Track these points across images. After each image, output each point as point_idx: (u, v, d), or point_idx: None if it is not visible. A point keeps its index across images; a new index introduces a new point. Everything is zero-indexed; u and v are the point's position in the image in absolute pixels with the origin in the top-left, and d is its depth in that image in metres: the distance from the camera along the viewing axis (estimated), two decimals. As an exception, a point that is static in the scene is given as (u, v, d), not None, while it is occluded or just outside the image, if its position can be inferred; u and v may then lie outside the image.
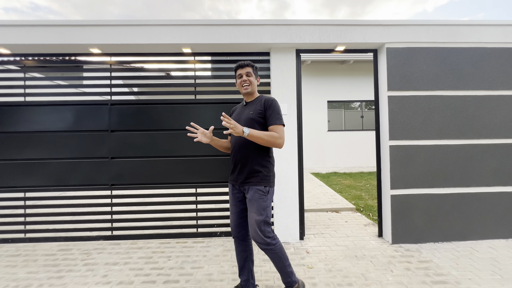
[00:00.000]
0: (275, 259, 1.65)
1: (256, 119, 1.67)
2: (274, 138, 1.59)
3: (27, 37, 2.55)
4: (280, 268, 1.68)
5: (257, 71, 1.83)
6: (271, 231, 1.64)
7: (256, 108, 1.70)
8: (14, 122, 2.82)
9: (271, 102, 1.69)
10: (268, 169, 1.69)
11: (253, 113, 1.69)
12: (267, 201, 1.65)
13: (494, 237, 2.70)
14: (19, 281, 2.11)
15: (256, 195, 1.62)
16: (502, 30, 2.74)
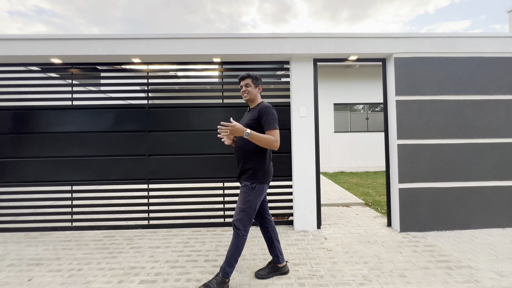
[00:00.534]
0: (232, 245, 1.87)
1: (252, 125, 1.90)
2: (271, 140, 1.81)
3: (80, 48, 2.92)
4: (230, 255, 1.87)
5: (257, 81, 2.03)
6: (246, 224, 1.86)
7: (253, 115, 1.93)
8: (63, 123, 3.18)
9: (264, 109, 1.89)
10: (258, 168, 1.90)
11: (249, 119, 1.94)
12: (251, 195, 1.87)
13: (492, 226, 3.01)
14: (79, 260, 2.45)
15: (243, 189, 1.91)
16: (497, 42, 3.07)
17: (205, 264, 2.34)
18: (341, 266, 2.26)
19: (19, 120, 3.15)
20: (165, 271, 2.22)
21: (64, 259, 2.48)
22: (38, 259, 2.48)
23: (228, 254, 1.88)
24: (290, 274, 2.14)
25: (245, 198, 1.89)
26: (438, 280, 2.01)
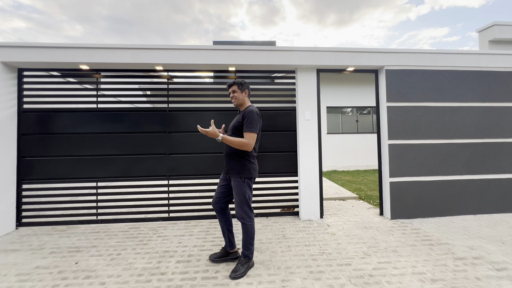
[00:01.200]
0: (244, 234, 2.19)
1: (238, 126, 2.15)
2: (242, 143, 2.04)
3: (108, 56, 3.21)
4: (244, 241, 2.19)
5: (243, 86, 2.24)
6: (248, 212, 2.14)
7: (239, 118, 2.17)
8: (88, 124, 3.44)
9: (248, 113, 2.10)
10: (240, 166, 2.14)
11: (236, 121, 2.18)
12: (243, 187, 2.12)
13: (465, 213, 3.56)
14: (115, 247, 2.75)
15: (235, 183, 2.14)
16: (469, 58, 3.64)
17: (229, 247, 2.70)
18: (345, 246, 2.69)
19: (48, 121, 3.39)
20: (196, 253, 2.57)
21: (100, 247, 2.77)
22: (76, 247, 2.76)
23: (244, 241, 2.20)
24: (304, 251, 2.56)
25: (239, 189, 2.13)
26: (423, 254, 2.48)
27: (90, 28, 43.10)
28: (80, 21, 42.79)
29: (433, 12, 39.50)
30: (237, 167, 2.15)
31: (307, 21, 41.29)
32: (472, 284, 1.97)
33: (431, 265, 2.27)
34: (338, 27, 38.75)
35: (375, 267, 2.25)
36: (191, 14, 49.59)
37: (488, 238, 2.81)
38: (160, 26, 49.82)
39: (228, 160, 2.22)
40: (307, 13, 40.94)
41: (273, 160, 3.63)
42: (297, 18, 41.73)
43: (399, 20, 38.16)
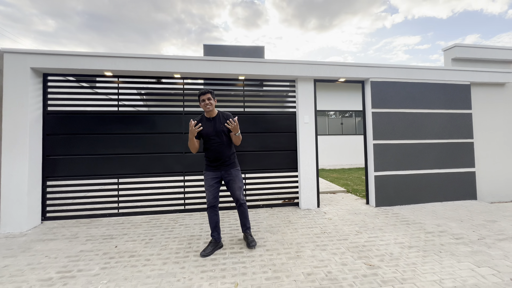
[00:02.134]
0: (244, 213, 2.73)
1: (225, 130, 2.58)
2: (240, 139, 2.62)
3: (132, 65, 3.57)
4: (246, 219, 2.74)
5: (214, 95, 2.58)
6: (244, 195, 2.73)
7: (223, 122, 2.57)
8: (110, 126, 3.76)
9: (230, 116, 2.60)
10: (235, 158, 2.71)
11: (222, 126, 2.56)
12: (241, 175, 2.70)
13: (434, 201, 4.31)
14: (145, 234, 3.12)
15: (236, 172, 2.65)
16: (436, 72, 4.42)
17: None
18: (341, 227, 3.28)
19: (72, 122, 3.66)
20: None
21: (130, 234, 3.13)
22: (108, 235, 3.10)
23: (245, 219, 2.76)
24: (308, 231, 3.10)
25: (240, 177, 2.69)
26: (402, 230, 3.13)
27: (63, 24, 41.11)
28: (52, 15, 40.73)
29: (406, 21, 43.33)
30: (235, 160, 2.71)
31: (289, 25, 43.35)
32: (438, 248, 2.62)
33: (408, 237, 2.90)
34: (319, 31, 41.19)
35: (367, 240, 2.85)
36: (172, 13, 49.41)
37: (451, 218, 3.53)
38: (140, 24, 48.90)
39: (227, 156, 2.61)
40: (290, 17, 42.93)
41: (277, 158, 4.16)
42: (280, 22, 43.66)
43: (376, 28, 41.42)
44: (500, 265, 2.28)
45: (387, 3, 38.01)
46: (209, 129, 2.58)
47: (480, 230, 3.09)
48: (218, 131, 2.58)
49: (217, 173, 2.63)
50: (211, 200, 2.60)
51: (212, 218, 2.63)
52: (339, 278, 2.12)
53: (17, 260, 2.50)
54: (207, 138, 2.59)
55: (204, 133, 2.57)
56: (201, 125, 2.51)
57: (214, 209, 2.63)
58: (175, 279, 2.13)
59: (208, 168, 2.66)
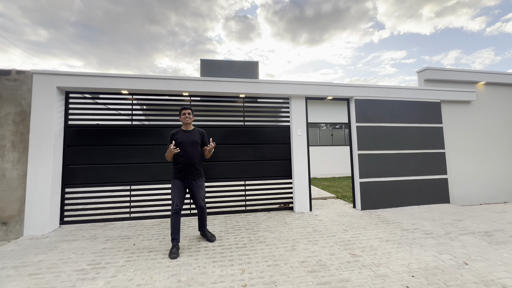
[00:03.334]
0: (204, 217, 3.23)
1: (199, 142, 3.12)
2: (211, 154, 3.15)
3: (147, 85, 4.06)
4: (204, 221, 3.23)
5: (193, 112, 3.17)
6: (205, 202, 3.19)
7: (198, 135, 3.12)
8: (123, 138, 4.19)
9: (204, 133, 3.24)
10: (202, 169, 3.16)
11: (197, 138, 3.09)
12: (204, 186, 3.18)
13: (412, 204, 4.86)
14: (158, 234, 3.51)
15: (200, 183, 3.10)
16: (411, 91, 5.08)
17: (247, 230, 3.61)
18: (330, 226, 3.75)
19: (90, 135, 4.08)
20: (224, 235, 3.44)
21: (144, 235, 3.51)
22: (125, 236, 3.47)
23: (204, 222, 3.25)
24: (302, 230, 3.57)
25: (203, 187, 3.16)
26: (382, 228, 3.63)
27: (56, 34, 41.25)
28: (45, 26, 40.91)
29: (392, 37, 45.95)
30: (202, 171, 3.18)
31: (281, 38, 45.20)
32: (410, 241, 3.12)
33: (387, 233, 3.40)
34: (310, 45, 43.11)
35: (352, 236, 3.33)
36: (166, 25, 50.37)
37: (425, 219, 4.07)
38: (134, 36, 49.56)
39: (195, 167, 3.05)
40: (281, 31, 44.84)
41: (273, 166, 4.65)
42: (272, 36, 45.50)
43: (364, 42, 43.68)
44: (458, 252, 2.80)
45: (374, 20, 40.26)
46: (186, 139, 3.03)
47: (448, 227, 3.63)
48: (193, 141, 3.06)
49: (184, 182, 3.02)
50: (180, 204, 2.93)
51: (176, 222, 2.90)
52: (328, 264, 2.58)
53: (48, 256, 2.85)
54: (181, 146, 2.96)
55: (181, 142, 2.98)
56: (179, 135, 3.05)
57: (178, 213, 2.94)
58: (191, 267, 2.55)
59: (176, 176, 3.02)
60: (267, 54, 46.71)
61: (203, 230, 3.29)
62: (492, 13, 43.08)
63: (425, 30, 42.92)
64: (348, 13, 38.66)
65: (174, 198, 2.94)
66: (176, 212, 2.92)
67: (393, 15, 39.71)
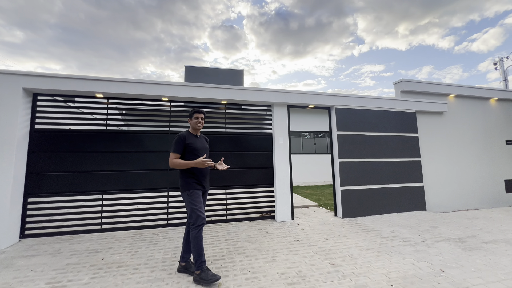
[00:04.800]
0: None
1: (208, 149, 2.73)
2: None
3: (124, 88, 3.89)
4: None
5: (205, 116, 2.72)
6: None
7: (206, 142, 2.76)
8: (97, 144, 3.95)
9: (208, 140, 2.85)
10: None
11: (207, 145, 2.75)
12: None
13: (391, 212, 4.95)
14: (130, 247, 3.28)
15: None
16: (389, 102, 5.27)
17: (227, 241, 3.48)
18: (311, 235, 3.70)
19: (60, 140, 3.80)
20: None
21: (115, 248, 3.27)
22: (93, 249, 3.21)
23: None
24: (283, 240, 3.48)
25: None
26: (362, 236, 3.63)
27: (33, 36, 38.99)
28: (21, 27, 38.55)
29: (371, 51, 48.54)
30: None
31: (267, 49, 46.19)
32: (389, 249, 3.14)
33: (367, 242, 3.40)
34: (294, 57, 44.46)
35: (333, 245, 3.29)
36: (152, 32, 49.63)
37: (403, 226, 4.14)
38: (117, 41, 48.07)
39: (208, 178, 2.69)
40: (267, 42, 45.84)
41: (255, 174, 4.58)
42: (257, 46, 46.37)
43: (346, 55, 45.79)
44: (435, 260, 2.83)
45: (354, 35, 42.34)
46: (200, 145, 2.62)
47: (425, 234, 3.70)
48: (206, 148, 2.71)
49: (202, 190, 2.59)
50: (204, 217, 2.46)
51: (201, 238, 2.42)
52: (308, 275, 2.51)
53: (1, 275, 2.55)
54: (196, 153, 2.54)
55: (197, 148, 2.56)
56: (191, 140, 2.56)
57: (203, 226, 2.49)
58: (163, 283, 2.37)
59: (195, 186, 2.52)
60: (252, 63, 47.37)
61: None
62: (460, 33, 46.88)
63: (401, 46, 45.71)
64: (330, 28, 40.35)
65: (198, 211, 2.43)
66: (202, 224, 2.45)
67: (372, 31, 41.98)
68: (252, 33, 43.01)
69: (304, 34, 40.77)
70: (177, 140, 2.51)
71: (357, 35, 42.94)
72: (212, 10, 42.27)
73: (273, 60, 46.32)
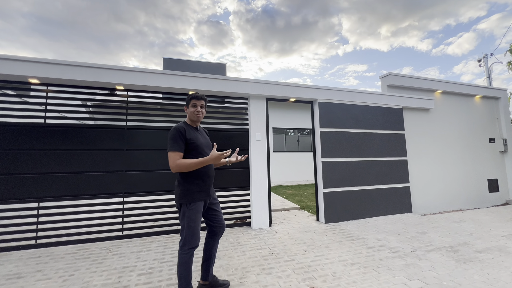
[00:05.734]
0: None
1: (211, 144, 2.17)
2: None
3: (66, 73, 3.18)
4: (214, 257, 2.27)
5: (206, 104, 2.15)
6: None
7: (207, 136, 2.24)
8: (33, 140, 3.23)
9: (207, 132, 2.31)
10: None
11: (209, 139, 2.22)
12: None
13: (377, 215, 4.60)
14: (65, 269, 2.64)
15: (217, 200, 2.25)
16: (375, 97, 4.90)
17: (189, 257, 2.92)
18: (290, 247, 3.23)
19: (-21, 136, 3.05)
20: (157, 266, 2.71)
21: (46, 270, 2.62)
22: (16, 273, 2.54)
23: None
24: (256, 254, 2.98)
25: None
26: (346, 247, 3.21)
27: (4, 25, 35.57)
28: None
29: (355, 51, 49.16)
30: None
31: (253, 46, 45.32)
32: (376, 264, 2.72)
33: (352, 254, 2.98)
34: (281, 55, 44.08)
35: (313, 260, 2.83)
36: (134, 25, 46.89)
37: (390, 232, 3.77)
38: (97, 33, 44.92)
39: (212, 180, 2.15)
40: (253, 39, 44.96)
41: (229, 176, 4.03)
42: (244, 43, 45.33)
43: (330, 55, 46.07)
44: (428, 277, 2.44)
45: (339, 35, 42.74)
46: (202, 140, 2.07)
47: (414, 243, 3.34)
48: (209, 144, 2.14)
49: (205, 199, 2.06)
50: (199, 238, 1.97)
51: (191, 264, 1.95)
52: (281, 304, 2.01)
53: None
54: (200, 151, 1.99)
55: (199, 144, 1.99)
56: (191, 134, 1.98)
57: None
58: (90, 325, 1.79)
59: (199, 196, 1.97)
60: (239, 60, 46.57)
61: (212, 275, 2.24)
62: (437, 37, 48.66)
63: (383, 47, 46.77)
64: (316, 27, 40.37)
65: (194, 231, 1.92)
66: (194, 247, 1.94)
67: (355, 32, 42.51)
68: (239, 29, 42.18)
69: (291, 32, 40.53)
70: (174, 135, 1.91)
71: (341, 35, 43.32)
72: (198, 5, 40.95)
73: (259, 58, 45.81)
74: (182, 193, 1.94)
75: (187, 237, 1.90)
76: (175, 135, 1.91)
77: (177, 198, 1.97)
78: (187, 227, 1.91)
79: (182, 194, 1.94)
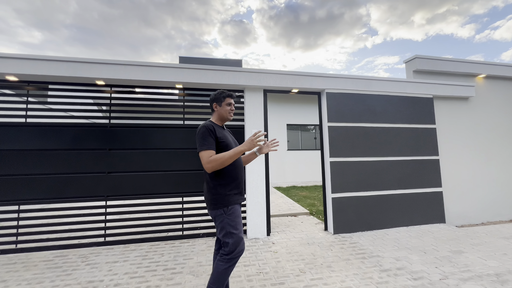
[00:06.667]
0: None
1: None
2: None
3: (41, 69, 3.00)
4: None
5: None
6: None
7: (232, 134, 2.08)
8: (15, 140, 3.10)
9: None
10: None
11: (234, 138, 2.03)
12: None
13: (399, 225, 3.85)
14: (29, 281, 2.42)
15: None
16: (398, 84, 4.12)
17: (164, 272, 2.55)
18: (283, 264, 2.71)
19: (-40, 136, 2.99)
20: (124, 281, 2.38)
21: (11, 281, 2.42)
22: (-21, 283, 2.37)
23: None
24: (241, 272, 2.51)
25: None
26: (354, 267, 2.60)
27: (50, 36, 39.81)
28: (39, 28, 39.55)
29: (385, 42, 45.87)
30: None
31: (277, 43, 44.60)
32: (390, 295, 2.10)
33: (359, 279, 2.37)
34: (305, 50, 42.75)
35: (307, 285, 2.29)
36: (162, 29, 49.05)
37: (413, 249, 3.06)
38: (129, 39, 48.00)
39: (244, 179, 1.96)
40: (277, 36, 44.23)
41: (221, 178, 3.60)
42: (267, 40, 44.88)
43: (358, 47, 43.44)
44: (461, 321, 1.78)
45: (367, 26, 40.19)
46: (230, 139, 1.91)
47: (444, 266, 2.62)
48: (236, 143, 1.97)
49: (241, 201, 1.87)
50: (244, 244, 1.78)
51: (230, 274, 1.75)
52: None
53: None
54: (229, 149, 1.80)
55: (229, 144, 1.82)
56: (221, 133, 1.81)
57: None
58: None
59: (236, 199, 1.79)
60: (262, 58, 46.24)
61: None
62: (481, 21, 43.42)
63: (417, 36, 43.01)
64: (342, 19, 38.39)
65: (241, 235, 1.75)
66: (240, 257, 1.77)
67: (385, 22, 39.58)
68: (262, 27, 41.74)
69: (315, 27, 39.05)
70: (204, 133, 1.74)
71: (370, 26, 40.64)
72: (221, 5, 41.33)
73: (283, 54, 44.91)
74: (215, 198, 1.74)
75: (231, 246, 1.71)
76: (205, 133, 1.74)
77: (211, 205, 1.76)
78: (229, 235, 1.71)
79: (218, 199, 1.74)
